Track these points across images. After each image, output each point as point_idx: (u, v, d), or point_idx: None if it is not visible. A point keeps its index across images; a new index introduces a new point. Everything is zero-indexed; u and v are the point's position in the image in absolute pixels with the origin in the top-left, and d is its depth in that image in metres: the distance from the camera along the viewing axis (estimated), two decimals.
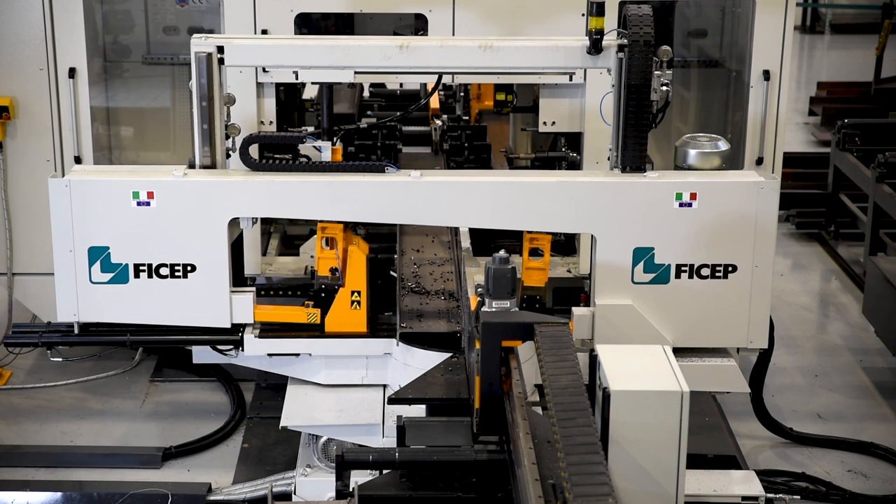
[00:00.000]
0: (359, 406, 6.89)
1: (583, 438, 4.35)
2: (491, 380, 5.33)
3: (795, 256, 11.43)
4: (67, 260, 6.60)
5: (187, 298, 6.66)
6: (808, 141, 14.82)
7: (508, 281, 5.53)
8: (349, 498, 4.84)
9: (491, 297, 5.54)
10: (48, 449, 7.78)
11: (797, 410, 8.42)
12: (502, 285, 5.53)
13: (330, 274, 6.87)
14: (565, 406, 4.60)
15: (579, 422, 4.48)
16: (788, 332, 9.64)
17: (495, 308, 5.53)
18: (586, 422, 4.48)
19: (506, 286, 5.53)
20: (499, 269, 5.54)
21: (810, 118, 15.64)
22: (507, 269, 5.54)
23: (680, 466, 4.67)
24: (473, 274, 6.84)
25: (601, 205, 6.50)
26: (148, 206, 6.52)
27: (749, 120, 7.94)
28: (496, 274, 5.53)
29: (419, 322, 6.91)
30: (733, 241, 6.54)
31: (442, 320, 6.95)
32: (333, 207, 6.59)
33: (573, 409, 4.58)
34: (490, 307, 5.53)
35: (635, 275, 6.57)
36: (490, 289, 5.54)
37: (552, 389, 4.75)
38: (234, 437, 7.97)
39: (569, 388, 4.75)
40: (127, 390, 8.53)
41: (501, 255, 5.61)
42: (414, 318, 6.96)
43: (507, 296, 5.53)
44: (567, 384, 4.79)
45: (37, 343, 7.14)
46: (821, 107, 15.38)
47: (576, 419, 4.49)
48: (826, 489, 7.38)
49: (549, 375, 4.89)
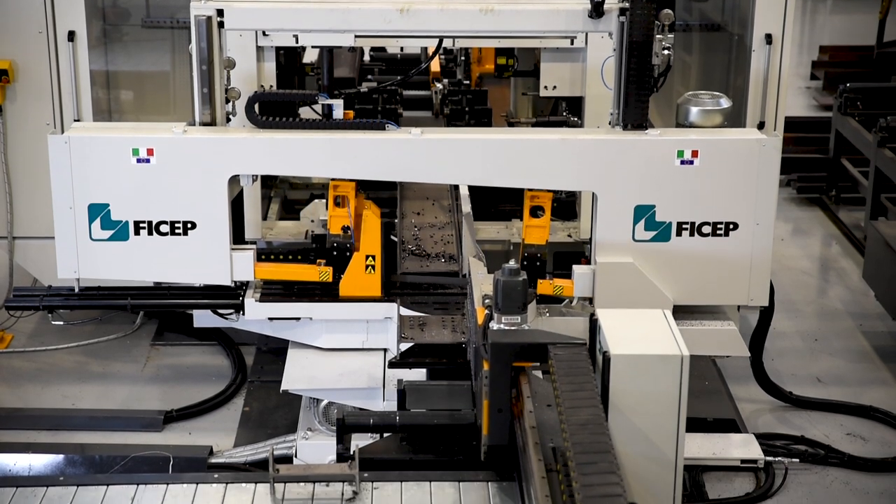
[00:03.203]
0: (359, 370, 6.91)
1: (605, 489, 3.85)
2: (500, 404, 4.89)
3: (796, 221, 11.43)
4: (67, 217, 6.60)
5: (188, 256, 6.66)
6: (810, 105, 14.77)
7: (519, 295, 5.01)
8: (350, 461, 4.86)
9: (500, 312, 5.02)
10: (50, 412, 7.80)
11: (797, 374, 8.45)
12: (512, 299, 5.01)
13: (342, 232, 6.86)
14: (585, 447, 4.09)
15: (601, 467, 3.99)
16: (789, 296, 9.65)
17: (505, 324, 5.02)
18: (609, 467, 3.98)
19: (516, 300, 5.01)
20: (508, 282, 5.01)
21: (812, 82, 15.58)
22: (518, 281, 5.01)
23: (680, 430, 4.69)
24: (480, 283, 5.91)
25: (602, 162, 6.49)
26: (148, 163, 6.51)
27: (751, 84, 7.91)
28: (506, 287, 5.00)
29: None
30: (734, 198, 6.54)
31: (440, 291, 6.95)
32: (334, 165, 6.57)
33: (594, 450, 4.07)
34: (499, 323, 5.03)
35: (636, 232, 6.57)
36: (499, 303, 5.02)
37: (570, 426, 4.24)
38: (235, 401, 8.00)
39: (589, 426, 4.23)
40: (128, 354, 8.55)
41: (511, 266, 5.07)
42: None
43: (518, 311, 5.00)
44: (587, 419, 4.28)
45: (38, 306, 7.16)
46: (823, 71, 15.33)
47: (597, 463, 4.00)
48: (825, 452, 7.41)
49: (565, 409, 4.37)
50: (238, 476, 5.01)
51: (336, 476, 4.86)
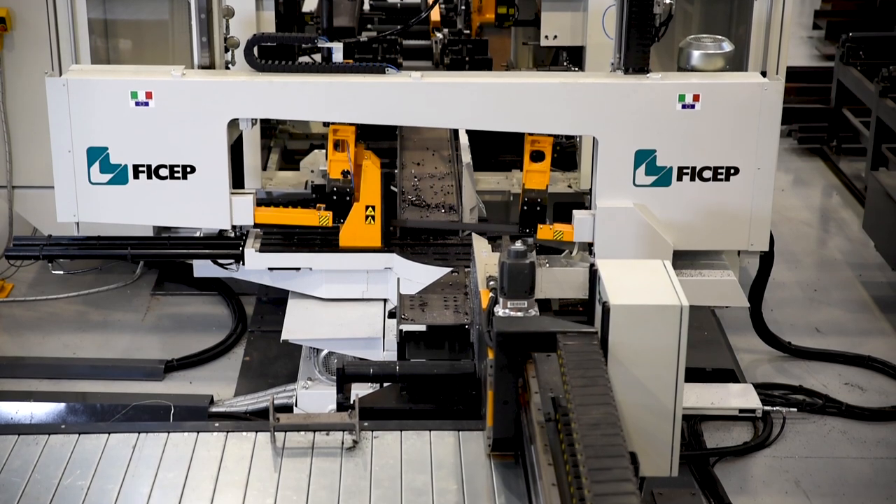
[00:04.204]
0: (359, 320, 6.92)
1: (620, 500, 3.55)
2: (506, 396, 4.63)
3: (797, 172, 11.41)
4: (66, 160, 6.58)
5: (187, 200, 6.65)
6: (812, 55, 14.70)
7: (526, 278, 4.73)
8: (350, 410, 4.88)
9: (506, 297, 4.74)
10: (51, 361, 7.83)
11: (796, 325, 8.47)
12: (519, 283, 4.73)
13: (342, 177, 6.85)
14: (598, 451, 3.77)
15: (615, 473, 3.66)
16: (788, 247, 9.65)
17: (510, 309, 4.74)
18: (623, 474, 3.66)
19: (523, 284, 4.73)
20: (515, 265, 4.72)
21: (814, 32, 15.49)
22: (525, 264, 4.72)
23: (679, 380, 4.70)
24: (484, 262, 5.55)
25: (603, 106, 6.46)
26: (146, 107, 6.49)
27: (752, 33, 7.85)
28: (512, 270, 4.72)
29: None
30: (736, 143, 6.52)
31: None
32: (333, 108, 6.54)
33: (608, 454, 3.75)
34: (505, 308, 4.75)
35: (637, 177, 6.56)
36: (505, 286, 4.73)
37: (581, 426, 3.92)
38: (236, 351, 8.02)
39: (601, 426, 3.91)
40: (128, 303, 8.56)
41: (518, 247, 4.76)
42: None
43: (525, 295, 4.73)
44: (598, 419, 3.94)
45: (38, 256, 7.16)
46: (825, 20, 15.22)
47: (611, 469, 3.68)
48: (823, 402, 7.44)
49: (576, 406, 4.04)
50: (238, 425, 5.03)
51: (336, 425, 4.88)
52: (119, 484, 4.56)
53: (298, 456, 4.75)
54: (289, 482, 4.59)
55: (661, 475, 4.81)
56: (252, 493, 4.52)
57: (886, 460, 6.96)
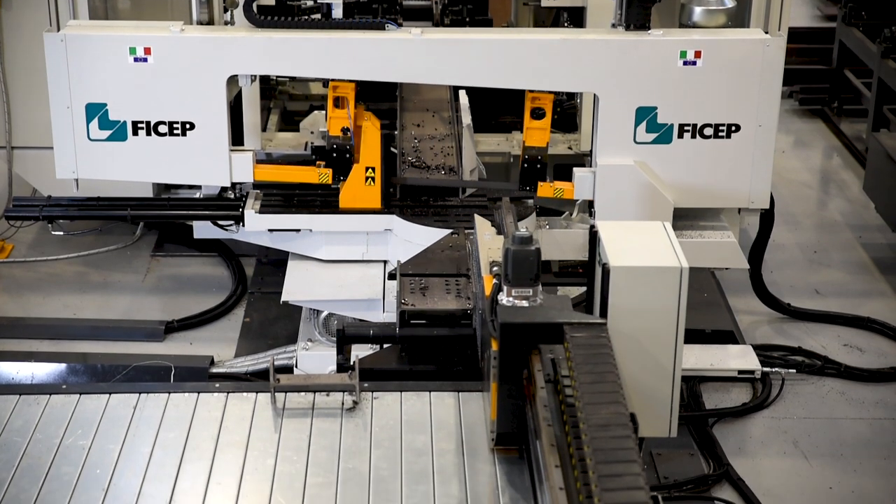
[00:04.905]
0: (359, 281, 6.93)
1: None
2: (510, 389, 4.45)
3: (797, 133, 11.38)
4: (65, 117, 6.56)
5: (186, 156, 6.64)
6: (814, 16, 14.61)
7: (532, 265, 4.50)
8: (350, 371, 4.89)
9: (510, 284, 4.51)
10: (51, 321, 7.84)
11: (795, 286, 8.47)
12: (524, 270, 4.50)
13: (342, 134, 6.83)
14: (608, 455, 3.51)
15: (626, 481, 3.41)
16: (788, 208, 9.65)
17: (515, 297, 4.51)
18: (635, 481, 3.41)
19: (528, 271, 4.50)
20: (519, 252, 4.49)
21: None
22: (530, 250, 4.49)
23: (678, 341, 4.71)
24: (487, 245, 5.38)
25: (604, 63, 6.43)
26: (145, 63, 6.47)
27: None
28: (517, 257, 4.49)
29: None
30: (737, 100, 6.50)
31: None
32: (333, 65, 6.51)
33: (618, 459, 3.49)
34: (509, 296, 4.52)
35: (637, 135, 6.55)
36: (509, 274, 4.51)
37: (589, 427, 3.67)
38: (236, 312, 8.03)
39: (611, 427, 3.65)
40: (128, 265, 8.56)
41: (522, 233, 4.54)
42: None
43: (530, 283, 4.50)
44: (609, 419, 3.69)
45: (38, 216, 7.16)
46: None
47: (622, 476, 3.42)
48: (822, 363, 7.46)
49: (584, 405, 3.79)
50: (239, 386, 5.04)
51: (336, 386, 4.89)
52: (120, 444, 4.58)
53: (299, 416, 4.76)
54: (289, 442, 4.61)
55: (660, 436, 4.83)
56: (252, 454, 4.54)
57: (884, 421, 6.99)
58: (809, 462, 6.64)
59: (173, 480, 4.39)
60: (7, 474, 4.40)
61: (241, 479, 4.40)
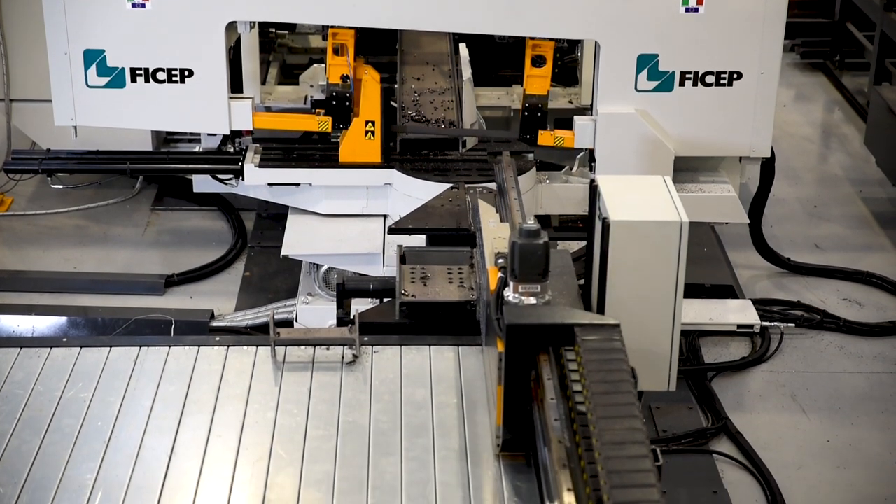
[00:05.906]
0: (359, 236, 6.93)
1: None
2: (517, 392, 4.18)
3: (799, 87, 11.33)
4: (63, 63, 6.53)
5: (185, 104, 6.62)
6: None
7: (540, 260, 4.23)
8: (350, 325, 4.90)
9: (517, 280, 4.26)
10: (51, 275, 7.84)
11: (795, 240, 8.47)
12: (532, 265, 4.24)
13: (341, 81, 6.79)
14: (624, 479, 3.26)
15: None
16: (789, 162, 9.63)
17: (522, 294, 4.26)
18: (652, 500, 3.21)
19: (536, 266, 4.24)
20: (527, 246, 4.21)
21: None
22: (538, 244, 4.21)
23: (678, 296, 4.71)
24: (492, 234, 5.00)
25: (605, 9, 6.40)
26: (143, 8, 6.43)
27: None
28: (524, 251, 4.22)
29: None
30: (739, 47, 6.47)
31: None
32: (331, 10, 6.47)
33: (635, 483, 3.25)
34: (515, 292, 4.27)
35: (639, 82, 6.52)
36: (516, 269, 4.25)
37: (603, 444, 3.41)
38: (236, 266, 8.04)
39: (627, 446, 3.38)
40: (128, 218, 8.56)
41: (530, 226, 4.24)
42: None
43: (538, 278, 4.26)
44: (625, 436, 3.42)
45: (37, 170, 7.15)
46: None
47: (640, 502, 3.20)
48: (821, 317, 7.47)
49: (598, 418, 3.52)
50: (239, 339, 5.05)
51: (336, 340, 4.90)
52: (121, 397, 4.60)
53: (299, 370, 4.77)
54: (289, 396, 4.62)
55: (659, 390, 4.85)
56: (253, 407, 4.56)
57: (882, 374, 7.01)
58: (807, 416, 6.67)
59: (174, 433, 4.41)
60: (9, 426, 4.42)
61: (241, 432, 4.42)
